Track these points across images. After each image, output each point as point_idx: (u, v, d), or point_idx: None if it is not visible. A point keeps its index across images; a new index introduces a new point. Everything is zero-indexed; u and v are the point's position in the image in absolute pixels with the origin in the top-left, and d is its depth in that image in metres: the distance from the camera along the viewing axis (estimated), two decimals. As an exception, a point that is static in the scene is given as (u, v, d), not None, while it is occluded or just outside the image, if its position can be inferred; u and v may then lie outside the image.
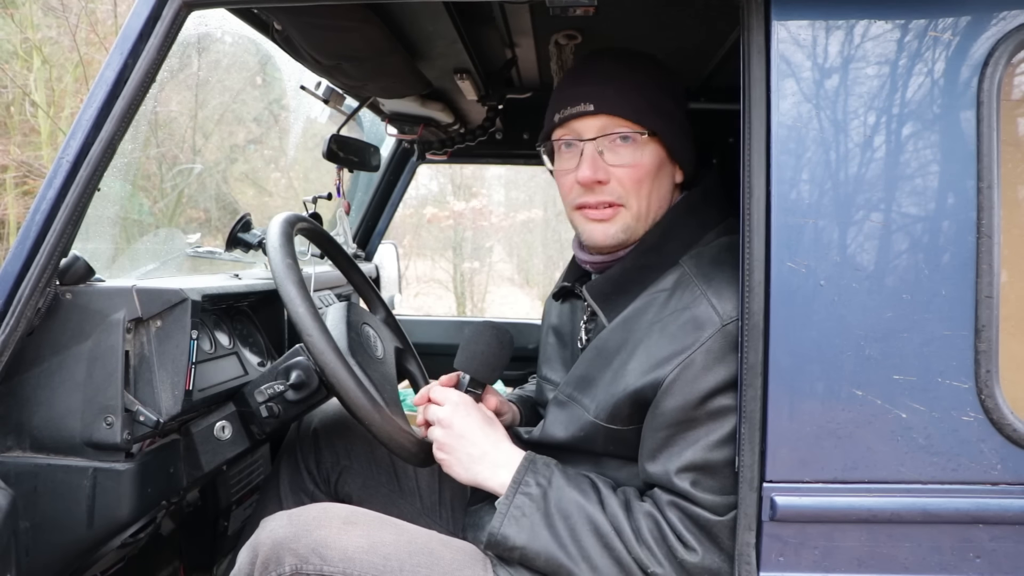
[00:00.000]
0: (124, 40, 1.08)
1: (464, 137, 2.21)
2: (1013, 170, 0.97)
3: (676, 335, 1.05)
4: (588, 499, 1.08)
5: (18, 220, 6.59)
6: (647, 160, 1.16)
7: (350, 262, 1.65)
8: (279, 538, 1.07)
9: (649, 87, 1.17)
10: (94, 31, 6.94)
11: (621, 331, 1.14)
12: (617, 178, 1.16)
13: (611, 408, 1.11)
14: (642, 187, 1.16)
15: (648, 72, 1.19)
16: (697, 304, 1.06)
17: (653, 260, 1.17)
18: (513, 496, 1.09)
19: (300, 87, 1.86)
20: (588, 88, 1.16)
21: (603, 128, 1.16)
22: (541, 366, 1.43)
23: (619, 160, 1.16)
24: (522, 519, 1.07)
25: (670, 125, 1.17)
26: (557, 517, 1.06)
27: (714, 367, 1.02)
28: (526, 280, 10.33)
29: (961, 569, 0.96)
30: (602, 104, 1.15)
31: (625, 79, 1.16)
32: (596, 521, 1.05)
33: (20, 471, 1.16)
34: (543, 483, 1.10)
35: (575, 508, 1.07)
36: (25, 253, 1.09)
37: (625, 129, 1.15)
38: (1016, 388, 0.95)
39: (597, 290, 1.21)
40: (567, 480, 1.11)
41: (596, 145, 1.16)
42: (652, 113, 1.15)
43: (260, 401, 1.35)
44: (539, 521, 1.07)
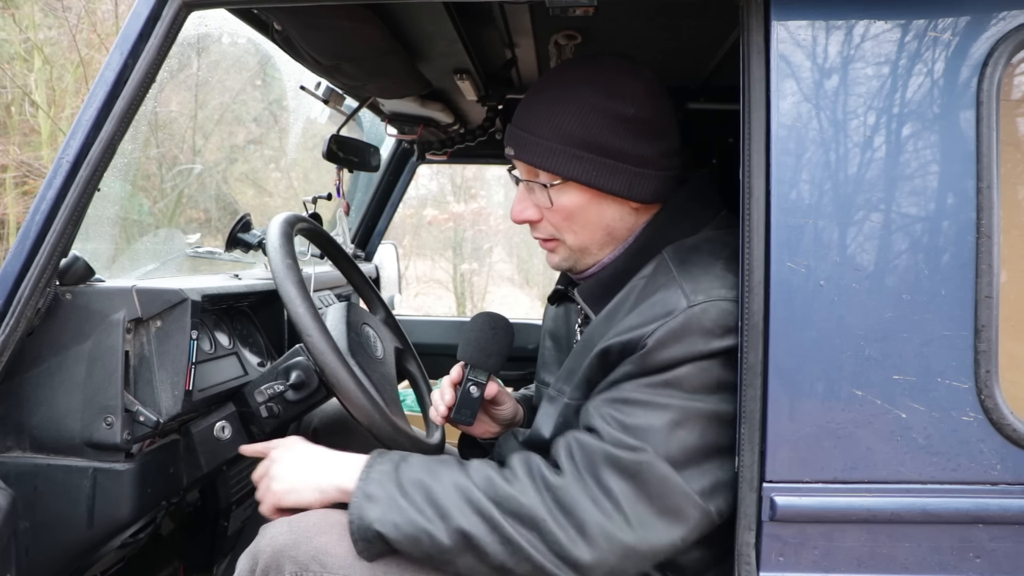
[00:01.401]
0: (124, 40, 1.08)
1: (464, 137, 2.21)
2: (1013, 170, 0.97)
3: (643, 312, 1.06)
4: (446, 465, 1.07)
5: (18, 220, 6.60)
6: (566, 203, 1.14)
7: (350, 262, 1.65)
8: (279, 545, 1.07)
9: (570, 125, 1.10)
10: (94, 31, 6.94)
11: (605, 321, 1.15)
12: (546, 217, 1.18)
13: (584, 383, 1.12)
14: (573, 224, 1.16)
15: (576, 105, 1.10)
16: (668, 287, 1.07)
17: (642, 261, 1.17)
18: (365, 479, 1.07)
19: (300, 87, 1.86)
20: (512, 130, 1.17)
21: (527, 172, 1.17)
22: (539, 370, 1.43)
23: (542, 202, 1.16)
24: (375, 496, 1.05)
25: (593, 165, 1.11)
26: (411, 486, 1.04)
27: (671, 344, 1.02)
28: (526, 280, 10.34)
29: (961, 569, 0.96)
30: (518, 151, 1.15)
31: (538, 122, 1.12)
32: (456, 479, 1.04)
33: (20, 471, 1.16)
34: (395, 459, 1.09)
35: (428, 474, 1.05)
36: (25, 253, 1.09)
37: (540, 178, 1.15)
38: (1016, 388, 0.95)
39: (588, 292, 1.22)
40: (423, 459, 1.10)
41: (527, 185, 1.18)
42: (566, 158, 1.11)
43: (260, 401, 1.35)
44: (393, 492, 1.04)
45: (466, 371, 1.27)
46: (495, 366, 1.27)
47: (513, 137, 1.16)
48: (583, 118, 1.11)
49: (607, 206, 1.16)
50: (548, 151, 1.12)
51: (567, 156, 1.11)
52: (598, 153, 1.11)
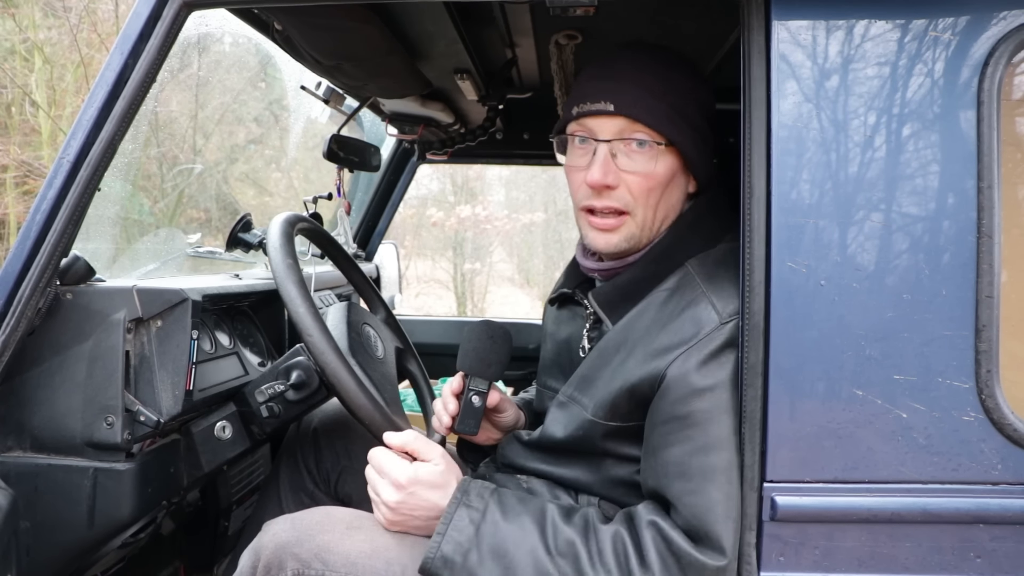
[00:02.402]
0: (124, 40, 1.08)
1: (464, 137, 2.20)
2: (1013, 170, 0.97)
3: (675, 330, 1.04)
4: (528, 533, 1.02)
5: (19, 220, 6.60)
6: (660, 170, 1.12)
7: (350, 262, 1.65)
8: (282, 542, 1.07)
9: (676, 92, 1.12)
10: (95, 31, 6.94)
11: (623, 331, 1.14)
12: (627, 184, 1.12)
13: (609, 405, 1.10)
14: (651, 197, 1.13)
15: (678, 75, 1.14)
16: (698, 302, 1.06)
17: (662, 268, 1.15)
18: (442, 536, 1.03)
19: (300, 87, 1.86)
20: (611, 85, 1.12)
21: (620, 131, 1.12)
22: (541, 374, 1.41)
23: (632, 167, 1.12)
24: (452, 561, 1.01)
25: (691, 135, 1.13)
26: (491, 557, 1.01)
27: (710, 363, 1.01)
28: (526, 280, 10.33)
29: (962, 569, 0.96)
30: (622, 105, 1.10)
31: (650, 81, 1.11)
32: (537, 554, 1.00)
33: (21, 471, 1.16)
34: (476, 517, 1.04)
35: (512, 545, 1.01)
36: (26, 253, 1.09)
37: (642, 135, 1.11)
38: (1016, 388, 0.95)
39: (604, 298, 1.19)
40: (503, 514, 1.04)
41: (610, 147, 1.12)
42: (673, 121, 1.11)
43: (260, 401, 1.35)
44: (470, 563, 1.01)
45: (467, 381, 1.28)
46: (495, 375, 1.27)
47: (615, 92, 1.11)
48: (687, 93, 1.14)
49: (680, 182, 1.18)
50: (663, 112, 1.11)
51: (676, 121, 1.12)
52: (694, 128, 1.14)
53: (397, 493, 1.08)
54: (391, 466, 1.09)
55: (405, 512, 1.08)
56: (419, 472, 1.08)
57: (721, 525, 0.96)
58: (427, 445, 1.12)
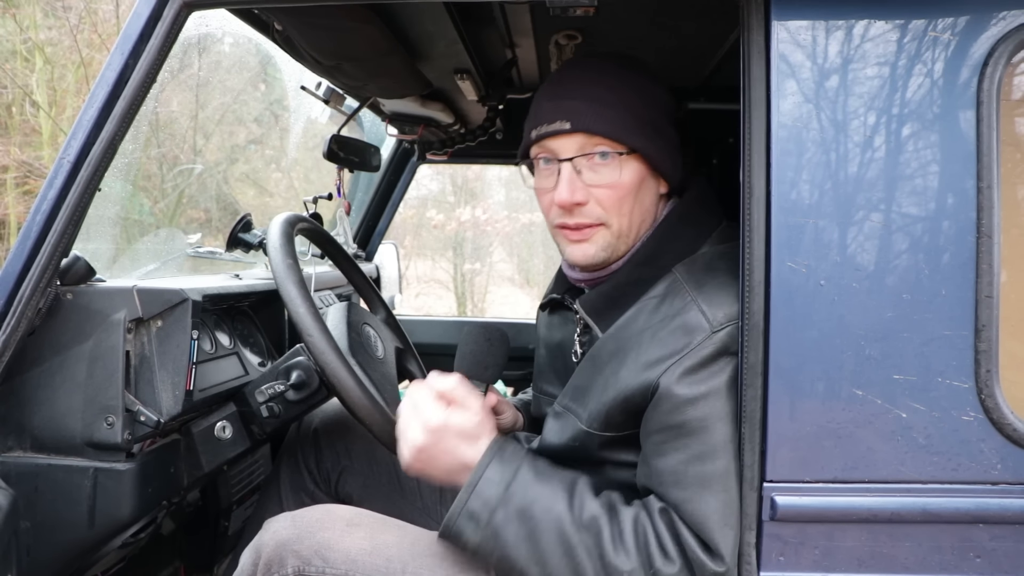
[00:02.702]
0: (125, 40, 1.08)
1: (464, 137, 2.21)
2: (1013, 170, 0.97)
3: (665, 340, 1.03)
4: (556, 500, 1.01)
5: (19, 220, 6.60)
6: (627, 178, 1.11)
7: (351, 262, 1.65)
8: (282, 539, 1.07)
9: (630, 99, 1.12)
10: (95, 31, 6.95)
11: (613, 340, 1.13)
12: (596, 198, 1.12)
13: (603, 416, 1.09)
14: (623, 205, 1.13)
15: (630, 82, 1.14)
16: (687, 310, 1.04)
17: (647, 273, 1.14)
18: (472, 489, 1.02)
19: (300, 87, 1.86)
20: (564, 104, 1.12)
21: (581, 147, 1.11)
22: (537, 379, 1.41)
23: (598, 180, 1.12)
24: (477, 515, 1.01)
25: (652, 139, 1.12)
26: (517, 518, 1.00)
27: (701, 372, 1.00)
28: (526, 280, 10.33)
29: (961, 569, 0.96)
30: (579, 121, 1.10)
31: (604, 93, 1.11)
32: (562, 523, 1.00)
33: (21, 471, 1.16)
34: (507, 475, 1.03)
35: (540, 510, 1.01)
36: (26, 253, 1.09)
37: (603, 147, 1.10)
38: (1016, 388, 0.95)
39: (590, 305, 1.19)
40: (536, 475, 1.04)
41: (574, 165, 1.12)
42: (632, 128, 1.11)
43: (261, 401, 1.35)
44: (496, 519, 1.00)
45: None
46: (492, 377, 1.27)
47: (569, 110, 1.11)
48: (641, 96, 1.13)
49: (651, 186, 1.17)
50: (619, 121, 1.10)
51: (634, 129, 1.11)
52: (654, 131, 1.13)
53: (425, 436, 1.05)
54: (426, 406, 1.07)
55: (427, 457, 1.06)
56: (451, 419, 1.05)
57: (719, 533, 0.96)
58: (469, 395, 1.09)
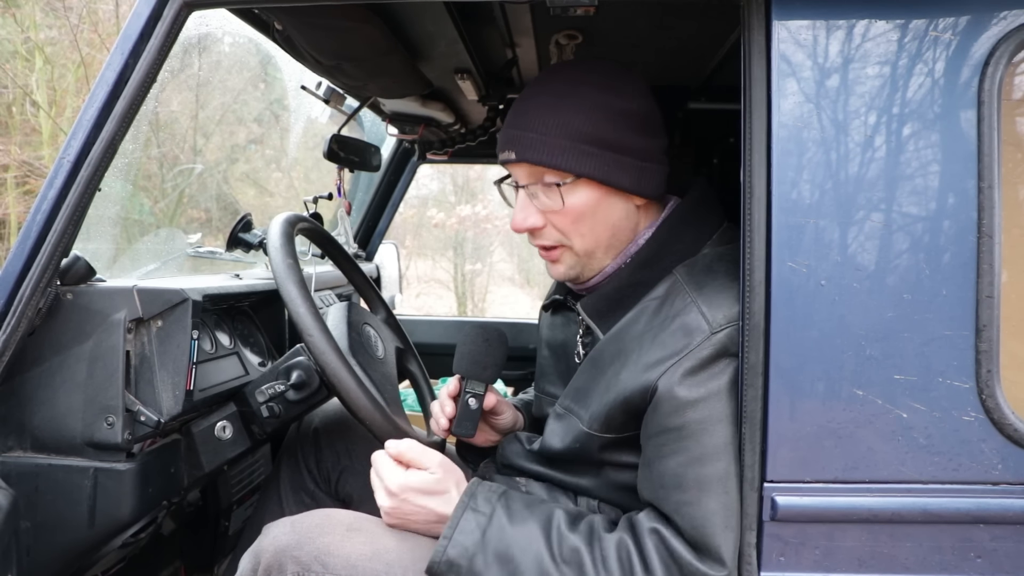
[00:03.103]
0: (125, 40, 1.08)
1: (465, 137, 2.21)
2: (1014, 170, 0.97)
3: (665, 341, 1.03)
4: (533, 540, 1.02)
5: (19, 220, 6.60)
6: (577, 202, 1.11)
7: (351, 262, 1.65)
8: (282, 545, 1.07)
9: (576, 123, 1.09)
10: (95, 31, 6.94)
11: (615, 342, 1.13)
12: (552, 222, 1.14)
13: (603, 417, 1.09)
14: (580, 226, 1.13)
15: (579, 102, 1.10)
16: (687, 311, 1.04)
17: (648, 275, 1.14)
18: (448, 539, 1.03)
19: (301, 87, 1.86)
20: (511, 133, 1.13)
21: (529, 175, 1.13)
22: (539, 379, 1.41)
23: (550, 205, 1.12)
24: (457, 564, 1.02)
25: (602, 161, 1.10)
26: (496, 562, 1.01)
27: (701, 374, 1.00)
28: (526, 280, 10.33)
29: (962, 569, 0.96)
30: (522, 151, 1.11)
31: (544, 120, 1.10)
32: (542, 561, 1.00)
33: (21, 471, 1.16)
34: (483, 521, 1.04)
35: (518, 551, 1.01)
36: (26, 253, 1.09)
37: (549, 177, 1.11)
38: (1017, 388, 0.95)
39: (592, 307, 1.19)
40: (510, 519, 1.05)
41: (528, 191, 1.14)
42: (575, 154, 1.09)
43: (261, 401, 1.35)
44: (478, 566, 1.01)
45: (463, 384, 1.28)
46: (491, 377, 1.28)
47: (514, 140, 1.12)
48: (589, 114, 1.10)
49: (614, 204, 1.14)
50: (558, 148, 1.09)
51: (577, 152, 1.09)
52: (606, 148, 1.10)
53: (389, 499, 1.09)
54: (385, 472, 1.10)
55: (400, 517, 1.10)
56: (410, 480, 1.08)
57: (720, 536, 0.96)
58: (423, 454, 1.11)
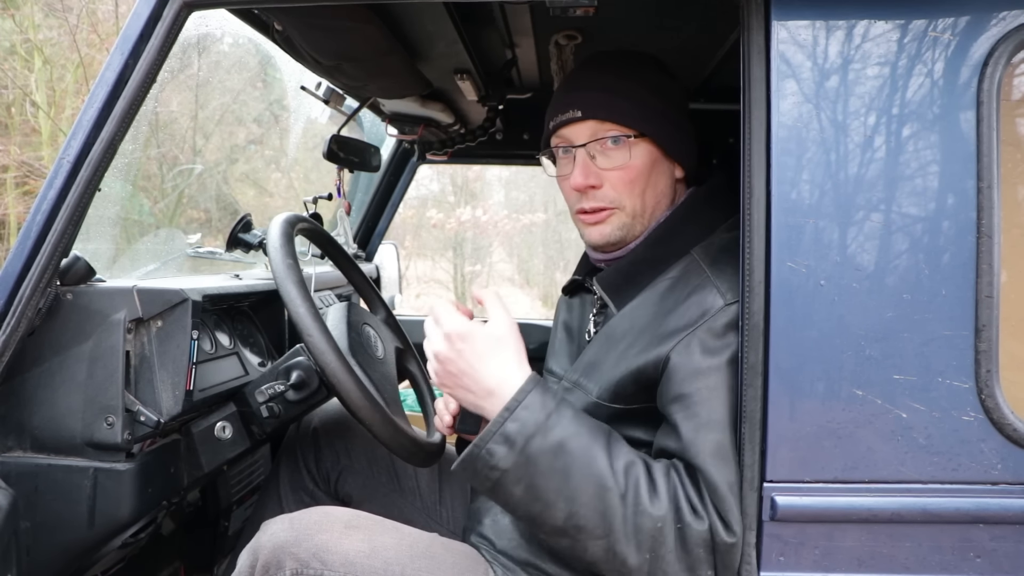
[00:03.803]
0: (125, 40, 1.08)
1: (464, 137, 2.21)
2: (1013, 170, 0.97)
3: (681, 314, 1.06)
4: (594, 442, 0.98)
5: (19, 220, 6.60)
6: (638, 161, 1.17)
7: (350, 262, 1.65)
8: (280, 542, 1.07)
9: (639, 89, 1.18)
10: (95, 31, 6.94)
11: (628, 318, 1.15)
12: (610, 181, 1.18)
13: (614, 387, 1.10)
14: (635, 187, 1.18)
15: (640, 73, 1.20)
16: (703, 287, 1.07)
17: (662, 252, 1.18)
18: (511, 411, 0.98)
19: (300, 87, 1.86)
20: (577, 95, 1.19)
21: (593, 133, 1.18)
22: (548, 359, 1.42)
23: (610, 163, 1.17)
24: (513, 439, 0.97)
25: (662, 125, 1.18)
26: (553, 450, 0.96)
27: (714, 343, 1.02)
28: (526, 280, 10.33)
29: (961, 569, 0.96)
30: (589, 109, 1.17)
31: (613, 83, 1.18)
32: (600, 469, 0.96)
33: (21, 471, 1.16)
34: (549, 405, 0.99)
35: (577, 447, 0.97)
36: (26, 253, 1.09)
37: (614, 132, 1.17)
38: (1016, 388, 0.95)
39: (607, 281, 1.22)
40: (575, 414, 1.01)
41: (588, 150, 1.18)
42: (640, 114, 1.17)
43: (261, 401, 1.35)
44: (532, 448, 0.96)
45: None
46: None
47: (580, 99, 1.18)
48: (655, 87, 1.20)
49: (665, 170, 1.21)
50: (626, 107, 1.16)
51: (642, 115, 1.17)
52: (664, 116, 1.19)
53: (446, 345, 1.03)
54: (448, 315, 1.05)
55: (448, 375, 1.04)
56: (475, 332, 1.03)
57: (729, 502, 0.96)
58: (500, 311, 1.07)
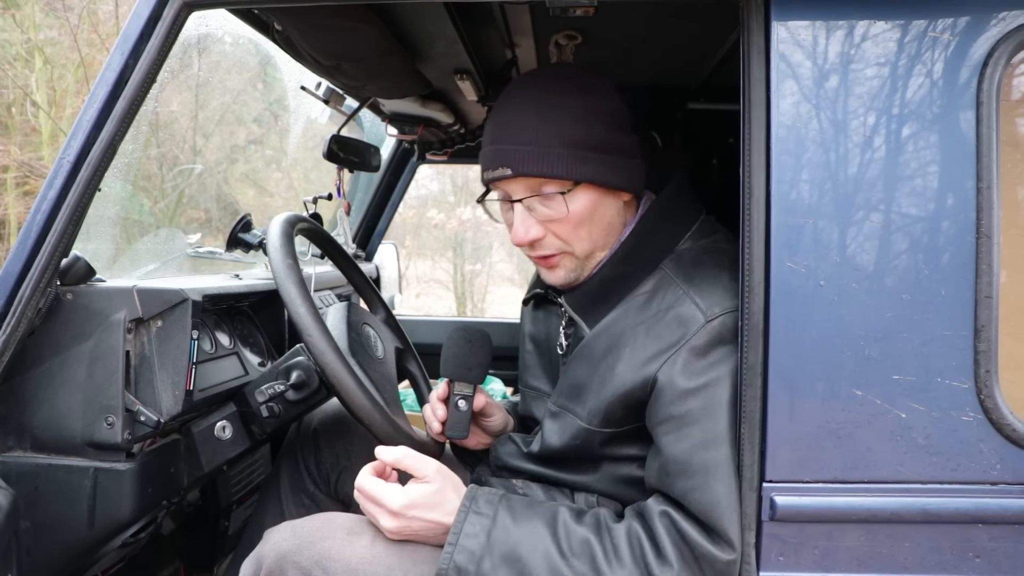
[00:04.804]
0: (125, 40, 1.08)
1: (464, 137, 2.21)
2: (1012, 170, 0.97)
3: (661, 334, 1.05)
4: (540, 537, 1.02)
5: (19, 220, 6.59)
6: (580, 208, 1.11)
7: (350, 262, 1.65)
8: (283, 551, 1.07)
9: (567, 130, 1.09)
10: (95, 31, 6.94)
11: (605, 337, 1.14)
12: (552, 231, 1.14)
13: (603, 412, 1.10)
14: (579, 231, 1.13)
15: (564, 109, 1.10)
16: (680, 303, 1.06)
17: (630, 268, 1.15)
18: (454, 545, 1.02)
19: (300, 87, 1.86)
20: (502, 149, 1.11)
21: (527, 188, 1.12)
22: (522, 374, 1.41)
23: (551, 215, 1.12)
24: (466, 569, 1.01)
25: (598, 163, 1.10)
26: (504, 563, 1.00)
27: (699, 362, 1.02)
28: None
29: (961, 569, 0.96)
30: (518, 166, 1.09)
31: (537, 132, 1.09)
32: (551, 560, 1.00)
33: (21, 471, 1.16)
34: (486, 523, 1.04)
35: (526, 550, 1.01)
36: (26, 253, 1.09)
37: (549, 187, 1.10)
38: (1015, 388, 0.95)
39: (577, 302, 1.20)
40: (514, 519, 1.04)
41: (525, 204, 1.13)
42: (574, 161, 1.09)
43: (261, 401, 1.35)
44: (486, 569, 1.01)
45: (452, 387, 1.29)
46: (478, 378, 1.28)
47: (506, 155, 1.10)
48: (578, 119, 1.10)
49: (610, 203, 1.15)
50: (557, 158, 1.08)
51: (575, 159, 1.09)
52: (599, 150, 1.11)
53: (394, 521, 1.06)
54: (384, 495, 1.07)
55: (407, 533, 1.08)
56: (414, 496, 1.06)
57: (727, 519, 0.97)
58: (421, 462, 1.10)
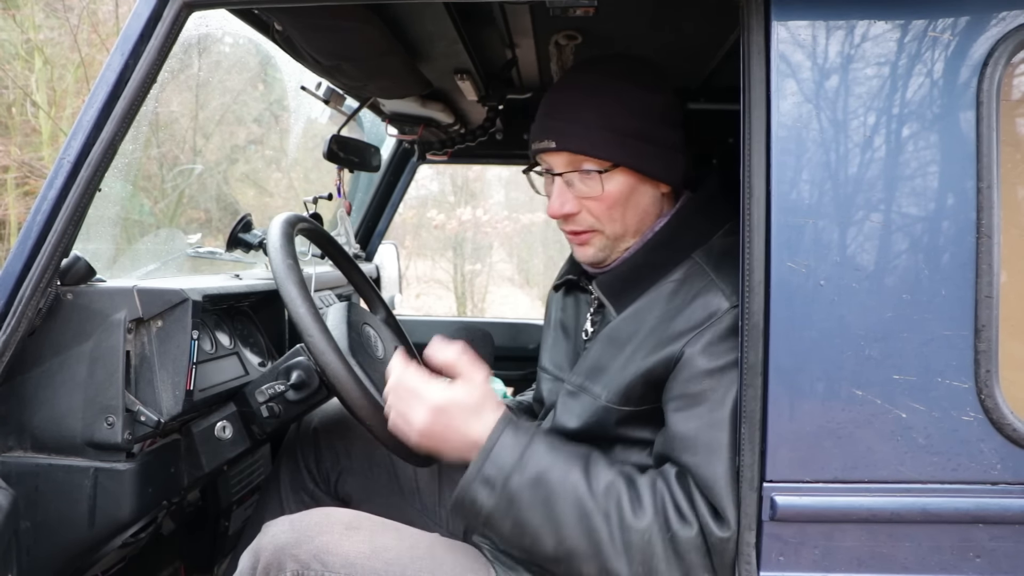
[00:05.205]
0: (125, 41, 1.08)
1: (464, 137, 2.21)
2: (1013, 170, 0.97)
3: (688, 316, 1.07)
4: (571, 469, 1.01)
5: (19, 220, 6.60)
6: (615, 189, 1.16)
7: (351, 262, 1.65)
8: (281, 544, 1.07)
9: (614, 115, 1.14)
10: (95, 32, 6.94)
11: (632, 321, 1.15)
12: (587, 208, 1.18)
13: (623, 390, 1.11)
14: (613, 213, 1.17)
15: (615, 95, 1.16)
16: (708, 290, 1.08)
17: (662, 257, 1.18)
18: (487, 455, 1.01)
19: (300, 88, 1.86)
20: (551, 123, 1.17)
21: (568, 163, 1.17)
22: (542, 357, 1.43)
23: (587, 192, 1.17)
24: (493, 480, 1.00)
25: (638, 150, 1.15)
26: (532, 484, 1.00)
27: (721, 345, 1.03)
28: (526, 280, 10.33)
29: (961, 569, 0.96)
30: (563, 141, 1.15)
31: (587, 111, 1.15)
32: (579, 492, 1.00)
33: (21, 471, 1.16)
34: (523, 441, 1.03)
35: (555, 477, 1.00)
36: (26, 253, 1.09)
37: (588, 165, 1.15)
38: (1016, 388, 0.95)
39: (607, 286, 1.22)
40: (549, 445, 1.04)
41: (565, 179, 1.18)
42: (615, 144, 1.14)
43: (261, 401, 1.35)
44: (511, 484, 1.00)
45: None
46: None
47: (553, 130, 1.16)
48: (626, 107, 1.15)
49: (646, 191, 1.19)
50: (599, 139, 1.14)
51: (616, 143, 1.14)
52: (641, 139, 1.15)
53: (429, 417, 1.03)
54: (426, 387, 1.04)
55: (435, 436, 1.04)
56: (458, 397, 1.03)
57: (726, 498, 0.98)
58: (473, 367, 1.07)
